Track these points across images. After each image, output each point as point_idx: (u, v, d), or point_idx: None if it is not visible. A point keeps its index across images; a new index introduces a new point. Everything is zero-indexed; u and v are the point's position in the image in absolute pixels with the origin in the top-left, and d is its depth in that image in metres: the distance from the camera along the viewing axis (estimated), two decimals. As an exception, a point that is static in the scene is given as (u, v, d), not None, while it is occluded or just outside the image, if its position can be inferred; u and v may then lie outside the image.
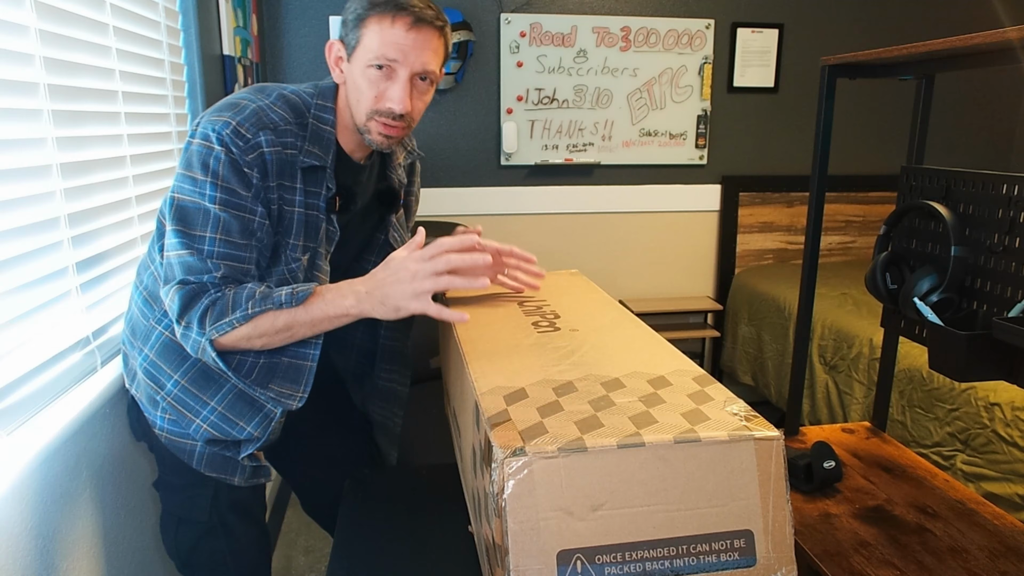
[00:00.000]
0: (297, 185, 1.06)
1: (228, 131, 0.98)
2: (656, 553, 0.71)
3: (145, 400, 1.12)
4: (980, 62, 1.21)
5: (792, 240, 3.26)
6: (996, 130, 3.39)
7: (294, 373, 1.09)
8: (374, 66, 1.03)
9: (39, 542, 0.94)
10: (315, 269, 1.11)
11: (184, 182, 1.00)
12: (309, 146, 1.06)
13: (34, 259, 1.03)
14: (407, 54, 1.03)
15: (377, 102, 1.05)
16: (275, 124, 1.03)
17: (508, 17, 2.87)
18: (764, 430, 0.74)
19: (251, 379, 1.07)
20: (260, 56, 2.56)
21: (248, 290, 1.00)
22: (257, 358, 1.06)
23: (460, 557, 1.03)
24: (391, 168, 1.24)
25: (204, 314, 0.98)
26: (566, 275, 1.44)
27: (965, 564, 1.15)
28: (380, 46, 1.02)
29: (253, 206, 1.01)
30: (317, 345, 1.09)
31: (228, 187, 0.99)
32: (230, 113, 1.00)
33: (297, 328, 1.02)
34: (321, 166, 1.08)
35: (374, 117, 1.06)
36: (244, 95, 1.05)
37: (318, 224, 1.09)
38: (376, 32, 1.02)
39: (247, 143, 0.99)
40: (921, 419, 1.95)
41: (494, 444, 0.71)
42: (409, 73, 1.04)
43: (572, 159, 3.04)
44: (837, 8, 3.11)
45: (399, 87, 1.04)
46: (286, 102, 1.06)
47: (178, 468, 1.13)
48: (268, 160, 1.01)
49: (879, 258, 1.41)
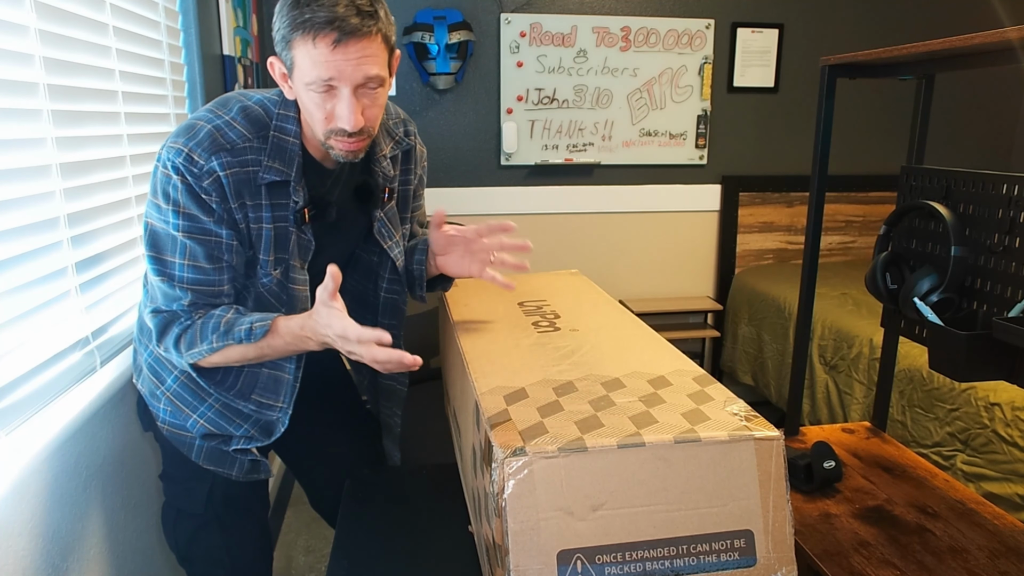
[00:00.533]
0: (263, 201, 1.05)
1: (180, 160, 0.98)
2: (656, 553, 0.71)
3: (147, 394, 1.16)
4: (980, 62, 1.21)
5: (792, 240, 3.26)
6: (996, 130, 3.39)
7: (274, 384, 1.13)
8: (313, 89, 0.98)
9: (39, 542, 0.94)
10: (289, 281, 1.10)
11: (152, 208, 1.02)
12: (269, 161, 1.04)
13: (34, 259, 1.03)
14: (341, 71, 0.96)
15: (328, 123, 1.01)
16: (232, 144, 1.01)
17: (508, 17, 2.87)
18: (764, 430, 0.74)
19: (235, 391, 1.12)
20: (260, 56, 2.56)
21: (214, 321, 1.02)
22: (240, 370, 1.11)
23: (460, 557, 1.03)
24: (374, 161, 1.20)
25: (177, 341, 1.03)
26: (566, 275, 1.44)
27: (965, 564, 1.15)
28: (312, 68, 0.96)
29: (217, 229, 1.01)
30: (292, 360, 1.12)
31: (189, 213, 1.00)
32: (184, 139, 0.99)
33: (266, 352, 1.05)
34: (284, 180, 1.05)
35: (331, 136, 1.02)
36: (203, 113, 1.03)
37: (288, 236, 1.08)
38: (304, 54, 0.95)
39: (201, 169, 0.98)
40: (921, 419, 1.95)
41: (494, 444, 0.71)
42: (351, 88, 0.98)
43: (572, 159, 3.04)
44: (837, 8, 3.11)
45: (344, 105, 0.98)
46: (247, 116, 1.04)
47: (178, 460, 1.17)
48: (225, 183, 1.00)
49: (879, 258, 1.41)
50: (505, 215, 3.04)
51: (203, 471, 1.15)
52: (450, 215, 2.94)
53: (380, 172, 1.20)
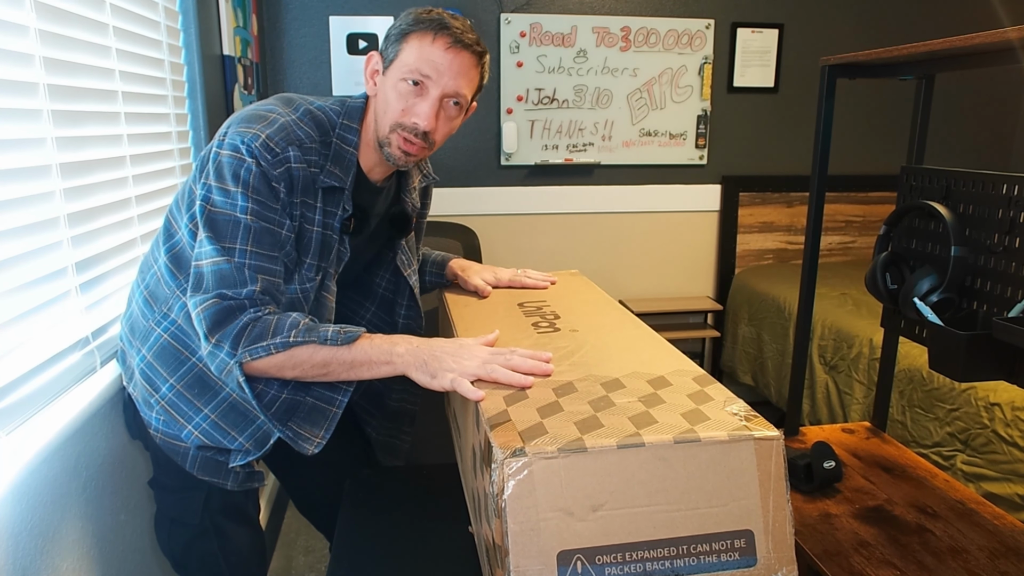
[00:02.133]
0: (317, 204, 1.06)
1: (258, 144, 0.98)
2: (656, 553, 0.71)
3: (140, 400, 1.13)
4: (980, 62, 1.21)
5: (792, 240, 3.26)
6: (996, 130, 3.39)
7: (317, 416, 1.07)
8: (407, 80, 1.03)
9: (39, 542, 0.94)
10: (324, 290, 1.11)
11: (216, 193, 0.99)
12: (331, 166, 1.06)
13: (34, 259, 1.03)
14: (441, 73, 1.03)
15: (403, 115, 1.05)
16: (301, 140, 1.02)
17: (508, 17, 2.87)
18: (764, 430, 0.74)
19: (270, 412, 1.04)
20: (260, 56, 2.56)
21: (292, 319, 0.98)
22: (279, 392, 1.04)
23: (460, 557, 1.03)
24: (406, 191, 1.24)
25: (240, 334, 0.95)
26: (566, 275, 1.44)
27: (965, 564, 1.15)
28: (416, 60, 1.02)
29: (282, 219, 1.01)
30: (347, 392, 1.08)
31: (259, 199, 0.99)
32: (259, 125, 1.00)
33: (334, 367, 0.98)
34: (340, 187, 1.08)
35: (397, 130, 1.05)
36: (271, 106, 1.05)
37: (332, 244, 1.10)
38: (416, 47, 1.03)
39: (276, 157, 0.99)
40: (921, 419, 1.95)
41: (494, 444, 0.71)
42: (440, 93, 1.04)
43: (572, 159, 3.04)
44: (837, 8, 3.11)
45: (427, 104, 1.04)
46: (312, 119, 1.06)
47: (171, 469, 1.13)
48: (295, 176, 1.01)
49: (879, 258, 1.41)
50: (505, 215, 3.04)
51: (198, 481, 1.12)
52: (450, 215, 2.94)
53: (410, 203, 1.25)
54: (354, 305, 1.34)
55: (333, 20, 2.76)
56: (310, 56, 2.79)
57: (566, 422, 0.75)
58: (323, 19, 2.77)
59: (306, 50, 2.78)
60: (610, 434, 0.72)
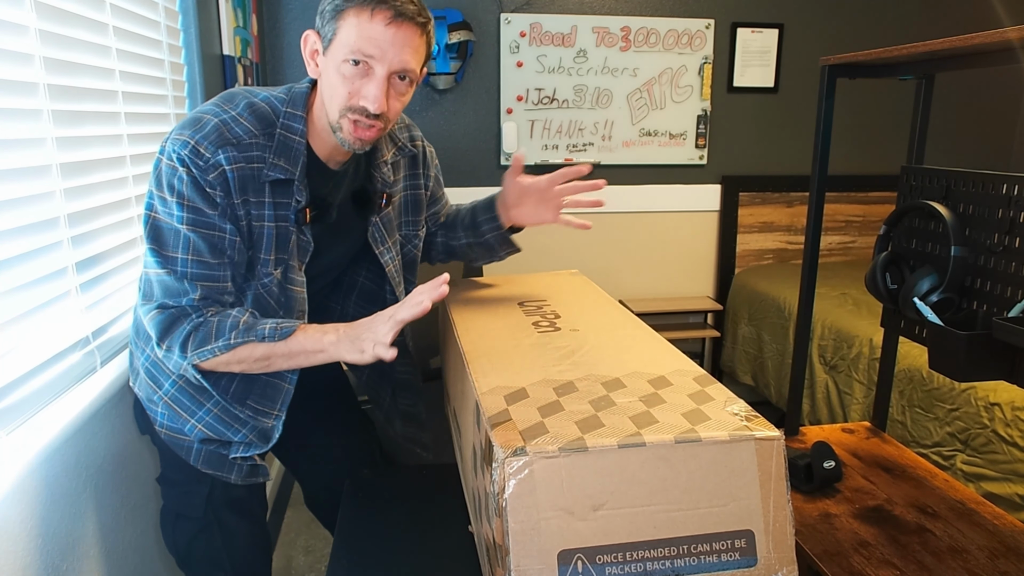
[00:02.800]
0: (265, 199, 1.04)
1: (187, 151, 0.97)
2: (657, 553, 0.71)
3: (144, 398, 1.14)
4: (980, 62, 1.21)
5: (792, 240, 3.26)
6: (996, 130, 3.39)
7: (272, 391, 1.11)
8: (350, 61, 0.98)
9: (39, 542, 0.94)
10: (288, 283, 1.10)
11: (157, 201, 1.00)
12: (274, 158, 1.03)
13: (34, 259, 1.03)
14: (385, 50, 0.98)
15: (351, 99, 1.00)
16: (238, 139, 1.00)
17: (508, 17, 2.87)
18: (764, 430, 0.74)
19: (229, 395, 1.09)
20: (260, 56, 2.56)
21: (232, 319, 1.00)
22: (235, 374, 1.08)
23: (460, 557, 1.03)
24: (375, 167, 1.20)
25: (186, 340, 0.99)
26: (566, 275, 1.44)
27: (965, 564, 1.15)
28: (357, 40, 0.97)
29: (221, 224, 1.00)
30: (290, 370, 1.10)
31: (194, 206, 0.98)
32: (190, 131, 0.99)
33: (275, 359, 1.03)
34: (288, 179, 1.05)
35: (347, 115, 1.01)
36: (209, 107, 1.03)
37: (288, 236, 1.08)
38: (353, 25, 0.97)
39: (206, 162, 0.98)
40: (921, 419, 1.95)
41: (495, 444, 0.71)
42: (387, 71, 0.99)
43: (572, 159, 3.04)
44: (837, 8, 3.11)
45: (375, 85, 0.99)
46: (253, 112, 1.03)
47: (176, 464, 1.15)
48: (230, 177, 1.00)
49: (879, 258, 1.41)
50: (505, 215, 3.04)
51: (202, 475, 1.14)
52: (450, 215, 2.94)
53: (379, 178, 1.20)
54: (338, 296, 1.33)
55: (333, 20, 2.76)
56: (310, 56, 2.79)
57: (567, 421, 0.75)
58: (323, 19, 2.76)
59: (306, 50, 2.78)
60: (611, 434, 0.72)
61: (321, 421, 1.38)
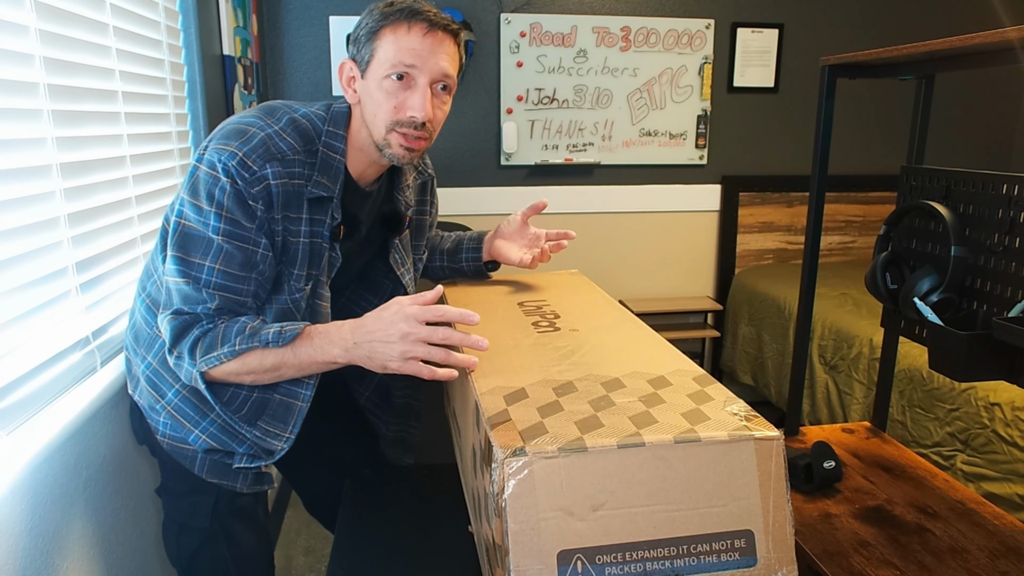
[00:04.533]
0: (303, 215, 1.04)
1: (234, 163, 0.96)
2: (656, 553, 0.71)
3: (146, 406, 1.12)
4: (980, 62, 1.21)
5: (792, 240, 3.26)
6: (996, 130, 3.39)
7: (283, 412, 1.08)
8: (392, 76, 1.01)
9: (39, 542, 0.94)
10: (316, 297, 1.10)
11: (190, 209, 0.99)
12: (318, 176, 1.04)
13: (34, 259, 1.03)
14: (425, 59, 1.01)
15: (397, 112, 1.02)
16: (283, 154, 1.00)
17: (508, 17, 2.87)
18: (764, 430, 0.74)
19: (240, 414, 1.06)
20: (260, 56, 2.56)
21: (239, 324, 0.98)
22: (251, 392, 1.06)
23: (460, 557, 1.03)
24: (399, 190, 1.22)
25: (194, 345, 0.98)
26: (566, 275, 1.44)
27: (965, 564, 1.15)
28: (396, 54, 1.00)
29: (257, 238, 0.99)
30: (310, 385, 1.08)
31: (232, 218, 0.97)
32: (237, 143, 0.98)
33: (285, 369, 1.00)
34: (328, 196, 1.06)
35: (394, 129, 1.03)
36: (252, 119, 1.02)
37: (321, 253, 1.08)
38: (391, 42, 1.00)
39: (253, 175, 0.97)
40: (921, 419, 1.95)
41: (494, 444, 0.71)
42: (428, 79, 1.02)
43: (572, 159, 3.04)
44: (837, 8, 3.11)
45: (419, 94, 1.02)
46: (296, 128, 1.03)
47: (179, 474, 1.12)
48: (274, 193, 0.99)
49: (879, 258, 1.41)
50: (505, 215, 3.03)
51: (207, 484, 1.11)
52: (450, 215, 2.94)
53: (403, 200, 1.23)
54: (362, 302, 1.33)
55: (333, 20, 2.76)
56: (310, 56, 2.79)
57: (566, 422, 0.75)
58: (323, 19, 2.77)
59: (306, 50, 2.78)
60: (610, 434, 0.72)
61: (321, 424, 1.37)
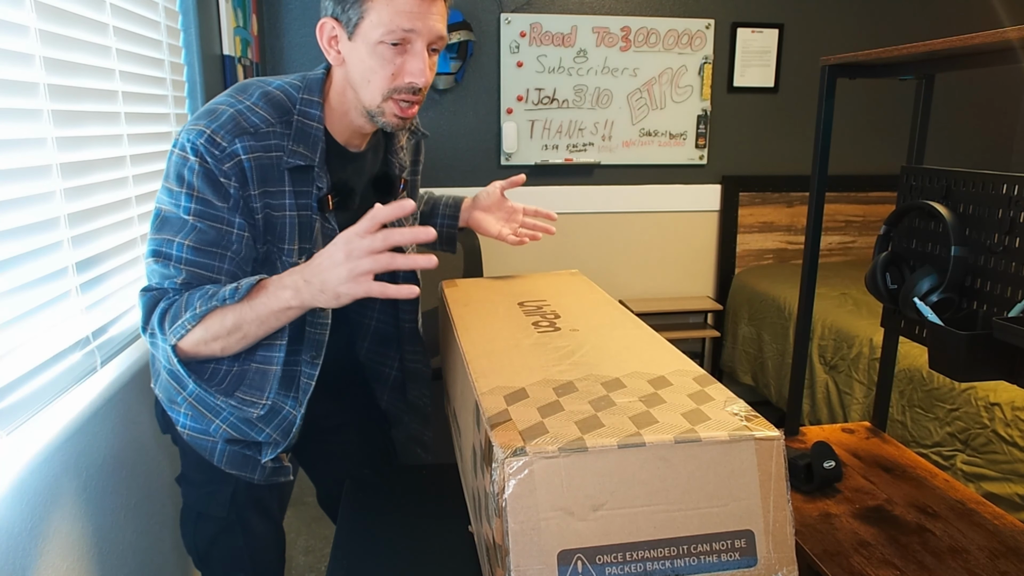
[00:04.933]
0: (285, 188, 1.02)
1: (202, 140, 0.95)
2: (657, 553, 0.71)
3: (166, 399, 1.12)
4: (980, 62, 1.21)
5: (792, 240, 3.26)
6: (996, 130, 3.39)
7: (259, 379, 1.06)
8: (388, 42, 0.97)
9: (39, 542, 0.94)
10: None
11: (164, 193, 0.98)
12: (294, 145, 1.01)
13: (34, 259, 1.03)
14: (424, 22, 0.97)
15: (395, 79, 0.99)
16: (256, 127, 0.98)
17: (508, 17, 2.87)
18: (764, 430, 0.74)
19: (222, 387, 1.04)
20: (260, 56, 2.56)
21: (202, 290, 0.96)
22: (231, 366, 1.04)
23: (460, 557, 1.03)
24: (392, 152, 1.19)
25: (162, 318, 0.96)
26: (566, 275, 1.44)
27: (965, 564, 1.15)
28: (393, 17, 0.95)
29: (231, 217, 0.98)
30: (282, 347, 1.05)
31: (203, 198, 0.96)
32: (206, 121, 0.97)
33: (247, 327, 0.96)
34: (308, 165, 1.03)
35: (391, 97, 1.00)
36: (224, 98, 1.01)
37: (312, 224, 1.06)
38: (385, 4, 0.95)
39: (223, 151, 0.96)
40: (921, 419, 1.95)
41: (495, 444, 0.71)
42: (426, 42, 0.99)
43: (572, 159, 3.04)
44: (837, 8, 3.11)
45: (418, 59, 0.99)
46: (268, 101, 1.01)
47: (199, 464, 1.13)
48: (247, 168, 0.97)
49: (879, 258, 1.41)
50: (505, 215, 3.04)
51: (226, 475, 1.12)
52: (450, 215, 2.94)
53: (397, 163, 1.20)
54: None
55: (333, 20, 2.76)
56: (310, 56, 2.79)
57: (567, 421, 0.75)
58: (323, 19, 2.77)
59: (306, 50, 2.78)
60: (611, 434, 0.72)
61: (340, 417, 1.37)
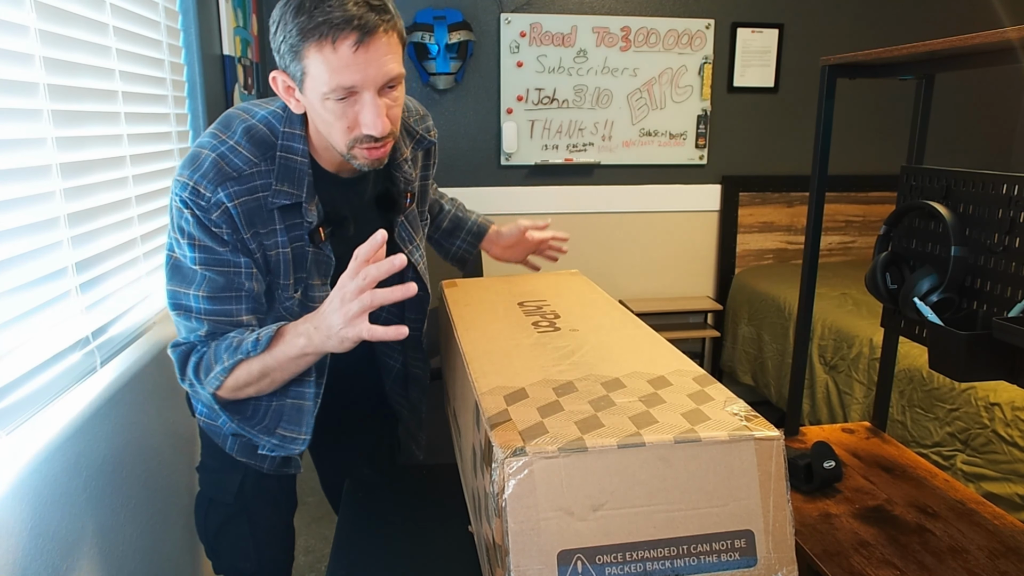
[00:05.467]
0: (276, 226, 1.01)
1: (187, 193, 0.95)
2: (657, 553, 0.71)
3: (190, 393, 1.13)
4: (980, 62, 1.21)
5: (792, 240, 3.26)
6: (996, 130, 3.39)
7: (296, 415, 1.07)
8: (331, 99, 0.92)
9: (39, 542, 0.94)
10: (309, 300, 1.07)
11: (171, 240, 1.00)
12: (278, 184, 0.99)
13: (34, 259, 1.03)
14: (366, 75, 0.91)
15: (351, 132, 0.96)
16: (239, 171, 0.97)
17: (508, 17, 2.87)
18: (764, 430, 0.74)
19: (263, 425, 1.06)
20: (260, 56, 2.56)
21: (227, 341, 0.98)
22: (270, 401, 1.06)
23: (460, 557, 1.03)
24: (396, 167, 1.16)
25: (196, 370, 0.99)
26: (566, 275, 1.44)
27: (965, 564, 1.15)
28: (331, 76, 0.90)
29: (235, 258, 0.99)
30: (311, 383, 1.06)
31: (204, 246, 0.97)
32: (188, 171, 0.96)
33: (274, 373, 0.98)
34: (294, 203, 1.01)
35: (355, 145, 0.98)
36: (206, 140, 0.99)
37: (305, 256, 1.05)
38: (319, 62, 0.89)
39: (208, 202, 0.95)
40: (921, 419, 1.95)
41: (494, 444, 0.71)
42: (374, 91, 0.93)
43: (572, 159, 3.04)
44: (837, 8, 3.11)
45: (370, 110, 0.93)
46: (251, 139, 0.99)
47: (214, 450, 1.17)
48: (234, 214, 0.97)
49: (879, 258, 1.41)
50: (505, 215, 3.04)
51: (236, 462, 1.14)
52: (450, 215, 2.94)
53: (401, 178, 1.17)
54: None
55: (333, 20, 2.76)
56: (310, 56, 2.79)
57: (567, 422, 0.75)
58: (323, 19, 2.76)
59: (306, 50, 2.78)
60: (611, 434, 0.72)
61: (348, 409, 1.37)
